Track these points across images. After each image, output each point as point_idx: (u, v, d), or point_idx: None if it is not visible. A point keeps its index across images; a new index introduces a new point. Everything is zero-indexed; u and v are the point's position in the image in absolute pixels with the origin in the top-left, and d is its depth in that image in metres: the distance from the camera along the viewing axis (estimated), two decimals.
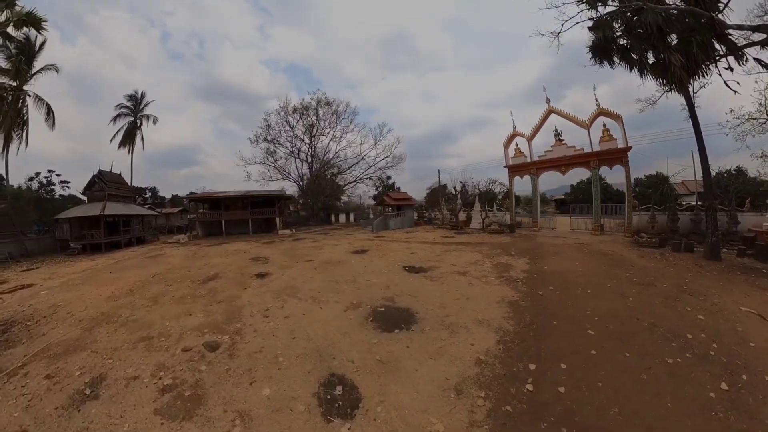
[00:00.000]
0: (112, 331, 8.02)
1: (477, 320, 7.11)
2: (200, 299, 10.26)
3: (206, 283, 12.32)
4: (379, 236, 26.83)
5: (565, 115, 22.65)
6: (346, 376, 5.22)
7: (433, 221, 39.19)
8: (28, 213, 28.64)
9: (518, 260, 12.50)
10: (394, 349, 6.04)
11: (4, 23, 14.28)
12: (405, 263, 13.44)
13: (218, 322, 8.14)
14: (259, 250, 20.77)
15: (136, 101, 40.39)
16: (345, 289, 10.13)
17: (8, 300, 12.10)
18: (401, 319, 7.38)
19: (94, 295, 11.46)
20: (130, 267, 16.81)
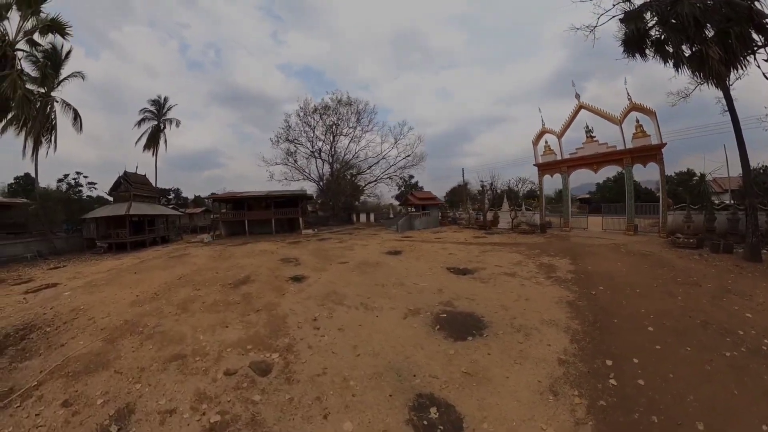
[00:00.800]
0: (138, 345, 6.87)
1: (544, 321, 6.92)
2: (235, 307, 9.12)
3: (238, 287, 11.20)
4: (406, 236, 25.61)
5: (596, 111, 21.62)
6: (435, 395, 4.65)
7: (458, 221, 37.65)
8: (56, 213, 28.93)
9: (560, 261, 12.06)
10: (477, 357, 5.62)
11: (31, 30, 14.60)
12: (447, 265, 12.68)
13: (262, 336, 6.96)
14: (286, 250, 19.72)
15: (159, 106, 41.15)
16: (394, 293, 9.36)
17: (31, 301, 11.43)
18: (469, 324, 6.94)
19: (117, 299, 10.51)
20: (155, 267, 15.95)
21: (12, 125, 22.03)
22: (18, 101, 14.74)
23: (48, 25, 14.80)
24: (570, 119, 23.26)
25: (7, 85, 13.45)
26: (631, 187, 20.41)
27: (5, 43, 13.75)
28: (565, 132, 23.77)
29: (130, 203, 27.16)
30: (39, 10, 14.41)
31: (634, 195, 20.57)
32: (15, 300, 11.71)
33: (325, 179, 48.54)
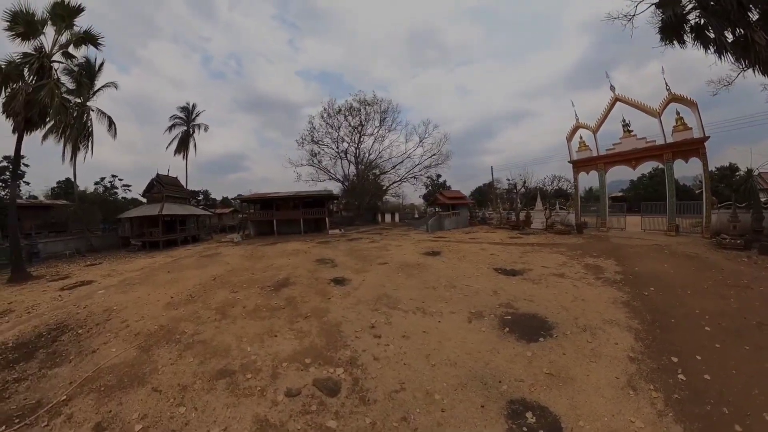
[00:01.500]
0: (176, 357, 5.97)
1: (605, 321, 6.90)
2: (280, 313, 8.21)
3: (278, 290, 10.31)
4: (438, 237, 24.39)
5: (633, 104, 20.40)
6: (527, 399, 4.51)
7: (488, 221, 36.02)
8: (93, 213, 29.60)
9: (605, 262, 11.81)
10: (554, 358, 5.53)
11: (65, 44, 15.37)
12: (492, 266, 12.23)
13: (319, 347, 6.02)
14: (318, 250, 18.85)
15: (188, 112, 42.48)
16: (449, 296, 8.85)
17: (66, 298, 11.09)
18: (535, 325, 6.81)
19: (151, 300, 9.84)
20: (188, 267, 15.40)
21: (52, 133, 22.92)
22: (55, 108, 15.10)
23: (81, 37, 15.42)
24: (605, 113, 21.99)
25: (44, 93, 13.92)
26: (672, 185, 19.19)
27: (42, 55, 14.38)
28: (601, 126, 22.56)
29: (162, 204, 27.61)
30: (72, 24, 15.05)
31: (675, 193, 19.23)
32: (50, 297, 11.42)
33: (349, 179, 47.87)
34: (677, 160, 18.71)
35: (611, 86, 21.18)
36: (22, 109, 13.75)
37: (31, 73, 14.87)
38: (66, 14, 14.78)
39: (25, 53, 14.65)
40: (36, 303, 10.74)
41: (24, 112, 13.86)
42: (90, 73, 25.17)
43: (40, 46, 14.91)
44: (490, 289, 9.19)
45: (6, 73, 14.04)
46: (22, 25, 13.93)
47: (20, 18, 13.94)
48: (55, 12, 14.48)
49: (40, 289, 13.05)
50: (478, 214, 39.56)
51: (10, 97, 13.98)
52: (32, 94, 13.82)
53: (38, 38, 14.63)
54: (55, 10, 14.47)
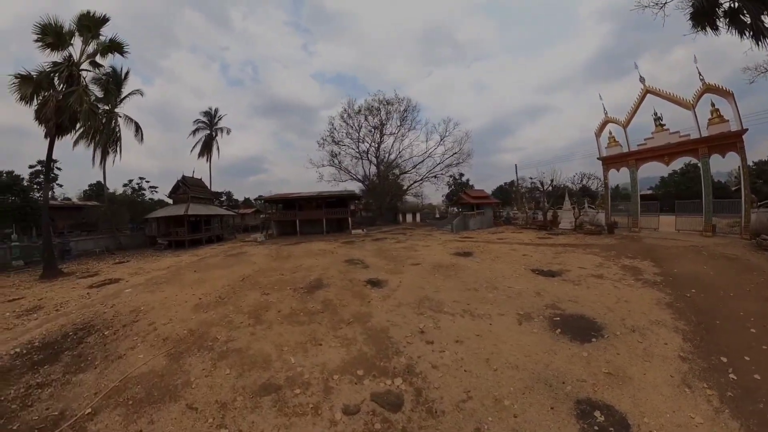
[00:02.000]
0: (210, 367, 5.30)
1: (652, 321, 6.80)
2: (319, 318, 7.52)
3: (312, 292, 9.60)
4: (465, 237, 23.43)
5: (665, 96, 19.20)
6: (593, 399, 4.46)
7: (513, 221, 34.55)
8: (122, 213, 30.35)
9: (642, 263, 11.48)
10: (610, 358, 5.48)
11: (92, 53, 15.96)
12: (528, 267, 11.87)
13: (370, 356, 5.45)
14: (345, 250, 18.15)
15: (211, 116, 43.23)
16: (492, 298, 8.58)
17: (93, 296, 10.86)
18: (585, 326, 6.73)
19: (178, 301, 9.32)
20: (214, 266, 14.97)
21: (83, 138, 24.59)
22: (85, 113, 15.67)
23: (107, 45, 15.99)
24: (635, 106, 20.75)
25: (74, 100, 14.50)
26: (708, 182, 17.73)
27: (71, 64, 14.97)
28: (631, 120, 21.30)
29: (188, 204, 27.88)
30: (98, 34, 15.62)
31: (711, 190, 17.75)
32: (79, 294, 11.27)
33: (369, 179, 47.17)
34: (713, 155, 17.32)
35: (641, 77, 19.94)
36: (53, 115, 14.13)
37: (60, 81, 15.31)
38: (92, 25, 15.24)
39: (55, 62, 15.05)
40: (65, 300, 10.57)
41: (55, 117, 14.23)
42: (117, 82, 26.61)
43: (69, 55, 15.38)
44: (532, 291, 8.87)
45: (37, 81, 14.46)
46: (51, 36, 14.35)
47: (49, 30, 14.38)
48: (81, 23, 14.95)
49: (69, 286, 13.00)
50: (503, 214, 38.06)
51: (42, 104, 14.51)
52: (62, 100, 14.25)
53: (67, 48, 15.12)
54: (82, 22, 14.94)
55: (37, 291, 12.51)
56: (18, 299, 11.20)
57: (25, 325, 8.40)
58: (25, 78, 14.53)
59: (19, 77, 14.49)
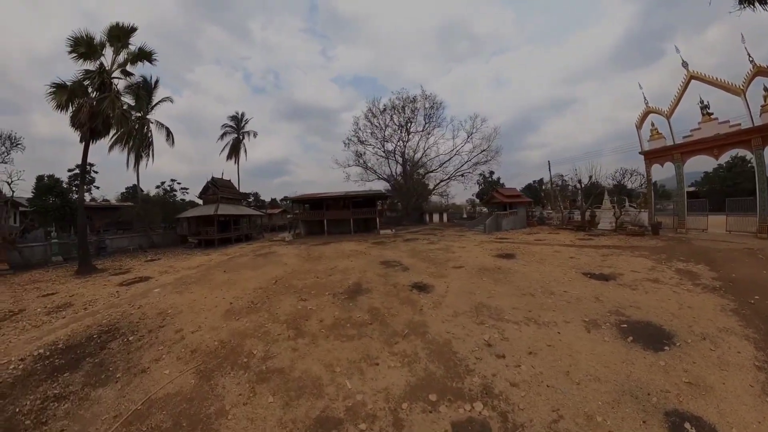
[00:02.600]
0: (249, 392, 4.39)
1: (720, 329, 6.36)
2: (369, 330, 6.52)
3: (354, 298, 8.60)
4: (500, 238, 22.00)
5: (711, 81, 17.50)
6: (680, 410, 4.20)
7: (546, 221, 32.64)
8: (155, 213, 31.12)
9: (696, 267, 10.94)
10: (687, 367, 5.14)
11: (123, 63, 16.59)
12: (578, 270, 11.18)
13: (438, 376, 4.76)
14: (378, 251, 17.16)
15: (238, 120, 44.27)
16: (551, 303, 8.02)
17: (122, 295, 10.45)
18: (653, 333, 6.34)
19: (207, 305, 8.56)
20: (244, 266, 14.34)
21: (118, 144, 26.68)
22: (117, 118, 16.41)
23: (136, 54, 16.64)
24: (679, 94, 19.06)
25: (106, 105, 15.14)
26: (763, 176, 16.08)
27: (103, 72, 15.70)
28: (675, 110, 19.60)
29: (217, 204, 28.11)
30: (128, 43, 16.25)
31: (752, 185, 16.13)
32: (108, 292, 10.98)
33: (395, 179, 46.05)
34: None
35: (683, 62, 18.38)
36: (87, 120, 14.64)
37: (93, 89, 15.85)
38: (121, 34, 15.82)
39: (87, 70, 15.74)
40: (94, 298, 10.31)
41: (89, 122, 14.76)
42: (148, 90, 28.03)
43: (101, 64, 16.05)
44: (590, 296, 8.35)
45: (71, 89, 15.13)
46: (83, 46, 15.09)
47: (81, 41, 15.12)
48: (111, 34, 15.64)
49: (101, 282, 12.84)
50: (535, 213, 35.86)
51: (76, 110, 15.15)
52: (96, 106, 14.84)
53: (99, 59, 15.84)
54: (112, 32, 15.64)
55: (70, 287, 12.48)
56: (51, 294, 11.20)
57: (53, 323, 8.05)
58: (60, 86, 15.20)
59: (55, 86, 15.14)
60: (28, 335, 7.24)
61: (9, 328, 7.82)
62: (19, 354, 6.27)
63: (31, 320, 8.30)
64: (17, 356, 6.16)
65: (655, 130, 20.77)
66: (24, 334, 7.36)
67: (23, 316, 8.74)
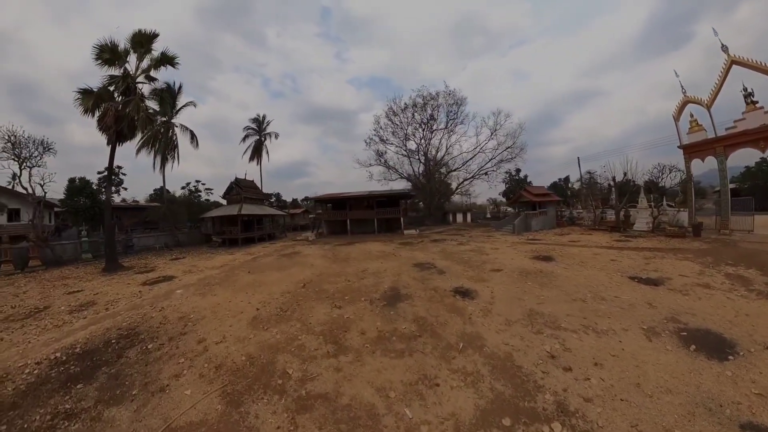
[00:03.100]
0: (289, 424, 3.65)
1: None
2: (420, 344, 5.67)
3: (394, 305, 7.70)
4: (532, 239, 20.63)
5: (755, 66, 15.95)
6: (754, 423, 4.02)
7: (576, 221, 30.73)
8: (180, 213, 31.82)
9: (747, 272, 10.12)
10: (755, 377, 4.85)
11: (147, 68, 16.91)
12: (624, 273, 10.53)
13: (507, 396, 4.28)
14: (408, 253, 16.25)
15: (259, 123, 44.72)
16: (605, 310, 7.51)
17: (145, 296, 9.99)
18: (714, 341, 5.98)
19: (232, 310, 7.85)
20: (269, 267, 13.72)
21: (145, 147, 28.06)
22: (142, 120, 16.59)
23: (159, 59, 16.97)
24: (720, 81, 17.48)
25: (131, 108, 15.52)
26: None
27: (126, 76, 16.17)
28: (715, 99, 18.05)
29: (241, 204, 28.07)
30: (150, 48, 16.60)
31: None
32: (131, 292, 10.63)
33: (416, 178, 44.88)
34: None
35: (723, 46, 16.95)
36: (113, 123, 15.03)
37: (118, 93, 16.28)
38: (144, 40, 16.25)
39: (111, 75, 16.23)
40: (116, 298, 10.01)
41: (115, 126, 15.14)
42: (171, 95, 28.83)
43: (125, 70, 16.52)
44: (642, 301, 7.94)
45: (98, 94, 15.62)
46: (108, 53, 15.61)
47: (106, 48, 15.64)
48: (134, 40, 16.14)
49: (125, 281, 12.62)
50: (565, 213, 33.81)
51: (103, 114, 15.36)
52: (121, 110, 15.26)
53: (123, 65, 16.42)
54: (135, 39, 16.13)
55: (95, 284, 12.28)
56: (77, 292, 11.11)
57: (73, 324, 7.69)
58: (87, 92, 15.70)
59: (82, 91, 15.64)
60: (48, 336, 6.95)
61: (32, 326, 7.62)
62: (36, 357, 5.91)
63: (53, 319, 8.07)
64: (34, 359, 5.80)
65: (694, 122, 19.14)
66: (44, 334, 7.10)
67: (47, 313, 8.59)
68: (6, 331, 7.45)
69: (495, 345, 5.59)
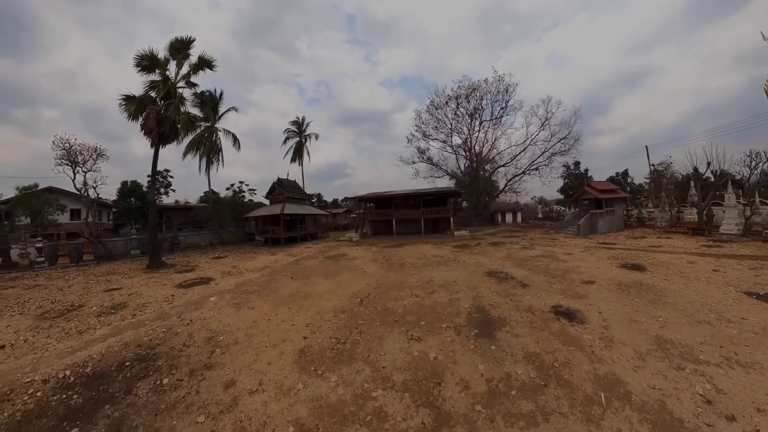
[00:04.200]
0: None
1: None
2: (550, 398, 3.92)
3: (489, 334, 5.61)
4: (603, 243, 17.49)
5: None
6: None
7: (646, 221, 26.62)
8: (225, 213, 32.29)
9: None
10: None
11: (187, 75, 17.19)
12: (737, 288, 8.44)
13: None
14: (469, 257, 14.03)
15: (299, 125, 45.34)
16: (735, 335, 5.73)
17: (176, 301, 8.81)
18: None
19: (273, 336, 6.06)
20: (314, 271, 12.15)
21: (191, 151, 29.82)
22: (183, 122, 17.04)
23: (197, 63, 17.24)
24: None
25: (172, 109, 15.85)
26: None
27: (166, 80, 16.64)
28: None
29: (283, 204, 27.47)
30: (188, 54, 16.93)
31: None
32: (164, 295, 9.56)
33: (461, 175, 41.92)
34: None
35: None
36: (155, 126, 15.44)
37: (159, 98, 16.68)
38: (181, 47, 16.71)
39: (152, 81, 16.74)
40: (148, 301, 9.02)
41: (157, 128, 15.52)
42: (213, 102, 30.85)
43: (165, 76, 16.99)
44: None
45: (140, 100, 16.19)
46: (147, 60, 16.14)
47: (146, 57, 16.19)
48: (172, 47, 16.63)
49: (162, 281, 11.83)
50: (632, 212, 29.17)
51: (145, 117, 15.90)
52: (162, 114, 15.75)
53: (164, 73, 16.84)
54: (173, 46, 16.64)
55: (134, 282, 11.84)
56: (115, 289, 10.67)
57: (95, 332, 6.68)
58: (130, 97, 16.23)
59: (125, 97, 16.21)
60: (67, 344, 6.15)
61: (57, 329, 7.02)
62: (46, 372, 5.09)
63: (80, 322, 7.41)
64: (42, 376, 4.98)
65: None
66: (65, 340, 6.35)
67: (78, 313, 8.06)
68: (34, 330, 6.97)
69: (641, 390, 4.13)
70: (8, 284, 12.51)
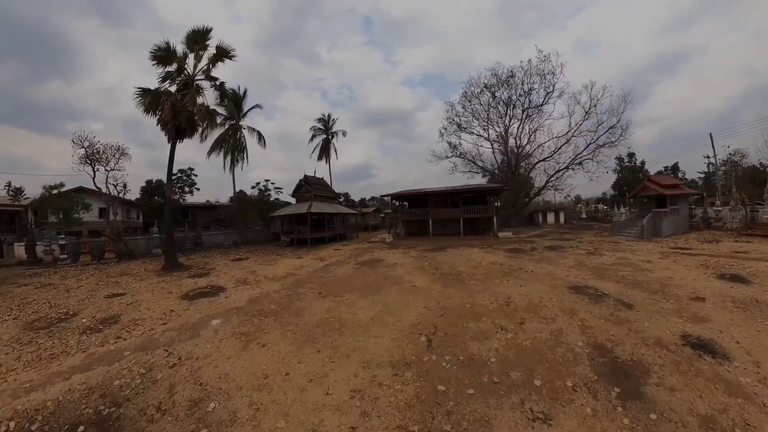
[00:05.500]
0: None
1: None
2: None
3: (636, 394, 3.39)
4: (678, 248, 14.67)
5: None
6: None
7: (711, 222, 22.96)
8: (250, 212, 31.56)
9: None
10: None
11: (206, 68, 16.26)
12: None
13: None
14: (535, 266, 11.38)
15: (325, 122, 44.37)
16: None
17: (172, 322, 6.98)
18: None
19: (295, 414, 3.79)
20: (348, 284, 10.00)
21: (216, 149, 29.37)
22: (201, 114, 16.13)
23: (215, 54, 16.18)
24: None
25: (187, 99, 14.90)
26: None
27: (185, 77, 15.90)
28: None
29: (311, 202, 25.76)
30: (206, 45, 15.94)
31: None
32: (162, 309, 7.87)
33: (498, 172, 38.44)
34: None
35: None
36: (170, 119, 14.56)
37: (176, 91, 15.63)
38: (198, 37, 15.74)
39: (168, 71, 15.76)
40: (142, 317, 7.30)
41: (172, 121, 14.63)
42: (237, 100, 30.01)
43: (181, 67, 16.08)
44: None
45: (155, 92, 15.32)
46: (163, 52, 15.29)
47: (162, 49, 15.26)
48: (189, 38, 15.73)
49: (169, 288, 10.26)
50: (696, 211, 24.82)
51: (161, 108, 15.00)
52: (178, 105, 14.79)
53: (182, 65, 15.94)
54: (189, 38, 15.73)
55: (142, 286, 10.67)
56: (117, 295, 9.49)
57: (66, 359, 5.25)
58: (146, 90, 15.40)
59: (140, 89, 15.37)
60: (30, 375, 4.83)
61: (33, 348, 5.80)
62: None
63: (60, 339, 6.18)
64: None
65: None
66: (31, 368, 5.05)
67: (65, 327, 6.88)
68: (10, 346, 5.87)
69: None
70: (24, 281, 12.15)
